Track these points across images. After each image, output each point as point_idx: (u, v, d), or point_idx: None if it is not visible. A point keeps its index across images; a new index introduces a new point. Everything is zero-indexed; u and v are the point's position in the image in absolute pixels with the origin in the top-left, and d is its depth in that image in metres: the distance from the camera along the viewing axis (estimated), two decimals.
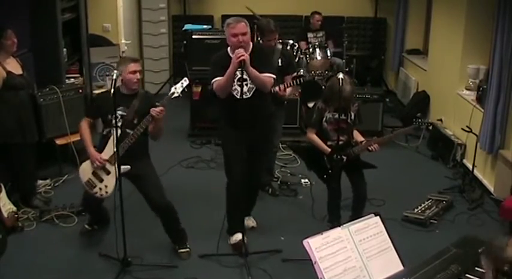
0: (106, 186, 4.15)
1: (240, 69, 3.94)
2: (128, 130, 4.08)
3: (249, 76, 4.08)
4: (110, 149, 4.09)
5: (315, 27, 8.39)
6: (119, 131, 3.99)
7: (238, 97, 4.04)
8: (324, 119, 4.40)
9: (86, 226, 4.66)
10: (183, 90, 4.09)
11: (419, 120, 4.55)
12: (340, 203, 4.60)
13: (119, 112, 4.06)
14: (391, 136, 4.83)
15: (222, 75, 4.08)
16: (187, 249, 4.35)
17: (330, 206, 4.58)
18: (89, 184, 4.22)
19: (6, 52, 4.78)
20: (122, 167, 3.95)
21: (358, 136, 4.50)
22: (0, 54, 4.73)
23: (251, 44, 4.21)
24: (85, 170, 4.26)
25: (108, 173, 4.13)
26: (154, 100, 4.20)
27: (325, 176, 4.49)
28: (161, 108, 4.00)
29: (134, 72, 4.09)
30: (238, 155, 4.21)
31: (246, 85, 4.14)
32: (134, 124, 4.09)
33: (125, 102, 4.11)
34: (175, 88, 4.08)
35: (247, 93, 4.17)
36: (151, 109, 3.99)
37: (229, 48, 4.18)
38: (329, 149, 4.37)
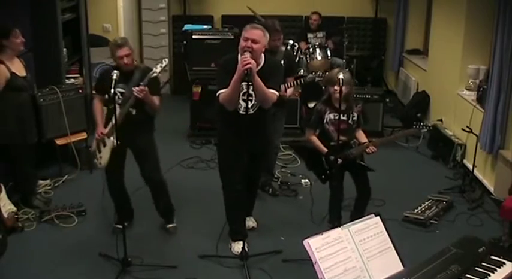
0: (101, 157, 4.47)
1: (245, 77, 3.79)
2: (130, 108, 4.29)
3: (253, 86, 3.92)
4: (109, 124, 4.39)
5: (313, 27, 8.39)
6: (118, 108, 4.24)
7: (241, 112, 3.98)
8: (325, 120, 4.38)
9: (117, 226, 4.43)
10: (162, 69, 4.28)
11: (421, 123, 4.51)
12: (341, 204, 4.59)
13: (119, 90, 4.26)
14: (390, 138, 4.80)
15: (228, 82, 3.92)
16: (175, 225, 4.68)
17: (331, 206, 4.57)
18: (94, 154, 4.56)
19: (13, 52, 4.77)
20: (112, 141, 4.30)
21: (361, 138, 4.44)
22: (7, 54, 4.73)
23: (263, 57, 4.07)
24: (94, 142, 4.60)
25: (105, 145, 4.44)
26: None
27: (323, 176, 4.49)
28: (141, 87, 4.15)
29: (121, 57, 4.27)
30: (235, 163, 4.18)
31: (251, 101, 4.02)
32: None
33: (124, 79, 4.26)
34: (156, 68, 4.25)
35: (251, 110, 4.06)
36: (132, 89, 4.17)
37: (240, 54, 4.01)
38: (326, 150, 4.36)
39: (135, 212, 4.87)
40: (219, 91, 4.01)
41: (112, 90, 3.88)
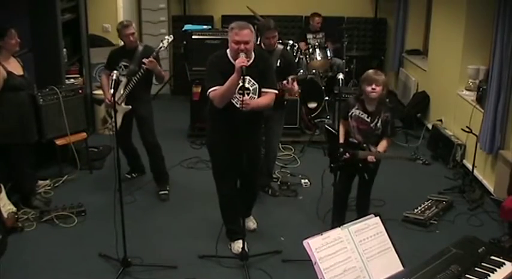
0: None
1: (241, 77, 3.76)
2: (132, 78, 5.08)
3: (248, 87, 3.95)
4: (118, 92, 5.04)
5: (314, 29, 8.38)
6: (124, 79, 5.09)
7: (238, 106, 3.91)
8: (350, 114, 4.35)
9: (126, 175, 5.64)
10: (168, 44, 5.15)
11: (420, 158, 4.58)
12: (344, 205, 4.57)
13: (123, 63, 5.15)
14: (388, 155, 4.69)
15: (219, 80, 3.90)
16: (166, 192, 5.32)
17: (334, 207, 4.55)
18: (104, 119, 5.44)
19: (8, 52, 4.77)
20: (124, 107, 5.16)
21: (380, 146, 4.32)
22: (2, 54, 4.73)
23: (253, 53, 4.04)
24: (103, 109, 5.49)
25: (116, 111, 4.87)
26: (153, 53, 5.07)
27: (331, 165, 4.46)
28: (150, 59, 4.95)
29: (127, 35, 5.12)
30: (227, 165, 4.19)
31: (248, 94, 3.95)
32: (136, 72, 5.07)
33: (128, 55, 5.17)
34: (163, 42, 5.08)
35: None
36: (143, 60, 4.97)
37: (228, 50, 4.02)
38: (341, 141, 4.33)
39: (133, 212, 4.90)
40: (212, 88, 3.95)
41: (112, 91, 3.98)
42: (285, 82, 4.81)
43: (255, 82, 4.05)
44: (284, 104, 5.26)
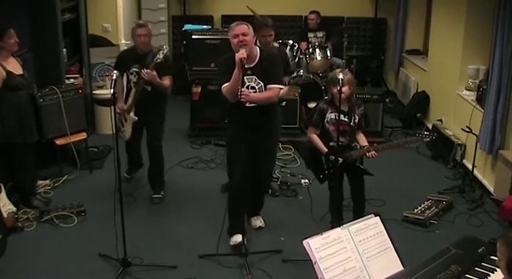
0: (125, 130, 5.22)
1: (243, 68, 3.94)
2: (144, 86, 4.95)
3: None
4: (128, 101, 5.11)
5: (312, 27, 8.38)
6: (134, 88, 5.01)
7: (247, 105, 4.11)
8: (326, 120, 4.37)
9: (126, 175, 5.59)
10: (164, 55, 4.89)
11: (425, 133, 4.51)
12: (341, 205, 4.57)
13: (134, 69, 4.99)
14: (392, 144, 4.73)
15: (228, 76, 4.08)
16: (160, 196, 5.23)
17: (332, 208, 4.57)
18: (118, 128, 5.15)
19: (7, 52, 4.77)
20: (132, 117, 5.11)
21: (362, 140, 4.42)
22: (1, 54, 4.73)
23: (258, 49, 4.21)
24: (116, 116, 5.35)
25: (126, 120, 5.18)
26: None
27: (321, 176, 4.48)
28: (148, 70, 4.79)
29: (139, 35, 4.95)
30: (241, 158, 4.22)
31: (255, 93, 4.16)
32: (146, 82, 4.91)
33: (140, 60, 4.97)
34: (159, 54, 4.84)
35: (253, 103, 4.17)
36: (142, 71, 4.84)
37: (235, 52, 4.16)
38: (326, 149, 4.36)
39: (133, 212, 4.91)
40: (223, 85, 4.13)
41: (112, 91, 3.92)
42: None
43: (260, 81, 4.18)
44: (281, 104, 5.26)
